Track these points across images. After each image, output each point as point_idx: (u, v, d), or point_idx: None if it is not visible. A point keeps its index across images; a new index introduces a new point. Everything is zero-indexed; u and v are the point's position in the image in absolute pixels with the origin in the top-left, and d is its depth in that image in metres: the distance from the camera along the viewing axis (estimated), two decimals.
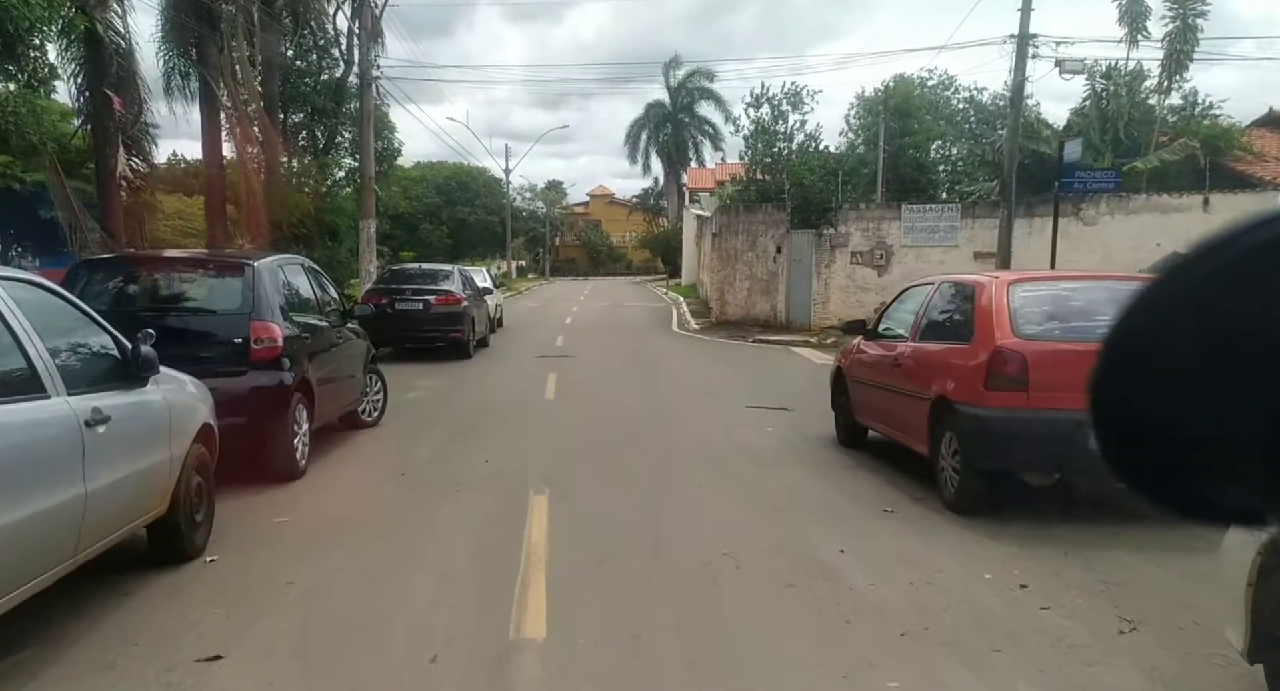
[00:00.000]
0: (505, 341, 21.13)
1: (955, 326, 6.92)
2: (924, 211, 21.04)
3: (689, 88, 65.01)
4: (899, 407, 7.45)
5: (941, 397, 6.53)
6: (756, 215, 23.51)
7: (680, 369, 15.82)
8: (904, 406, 7.31)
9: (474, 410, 11.08)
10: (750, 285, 23.69)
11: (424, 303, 16.38)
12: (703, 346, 20.23)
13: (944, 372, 6.60)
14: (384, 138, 25.18)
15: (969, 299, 6.80)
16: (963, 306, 6.96)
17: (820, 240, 21.78)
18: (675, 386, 13.47)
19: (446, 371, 15.07)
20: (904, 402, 7.30)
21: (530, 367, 15.87)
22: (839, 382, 9.06)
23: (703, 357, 17.80)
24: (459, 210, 67.40)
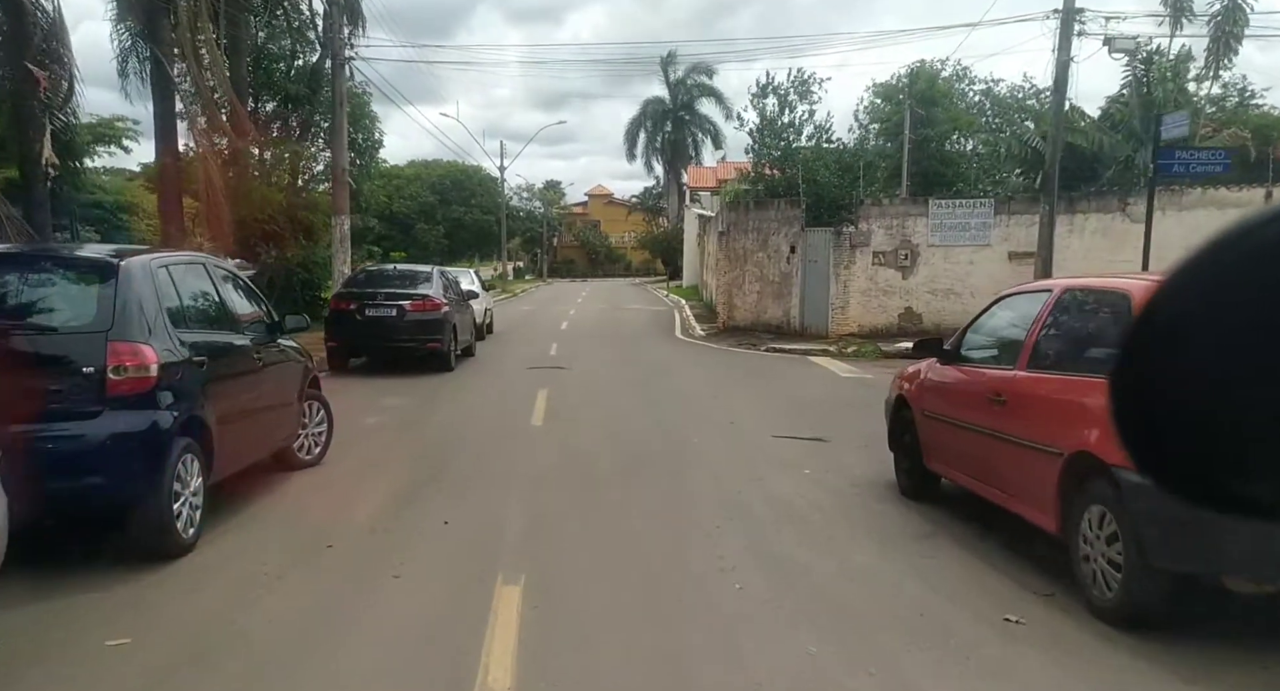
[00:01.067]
0: (494, 350, 19.12)
1: (1098, 350, 4.89)
2: (953, 207, 19.02)
3: (689, 84, 63.05)
4: (1003, 461, 5.43)
5: (1083, 454, 4.51)
6: (768, 212, 21.50)
7: (688, 384, 13.79)
8: (1012, 460, 5.29)
9: (444, 443, 9.03)
10: (761, 288, 21.67)
11: (397, 308, 14.35)
12: (711, 356, 18.21)
13: (1086, 418, 4.57)
14: (364, 128, 23.17)
15: (1118, 312, 4.79)
16: (1107, 322, 4.94)
17: (839, 239, 19.77)
18: (684, 407, 11.45)
19: (421, 387, 13.05)
20: (1012, 455, 5.27)
21: (518, 383, 13.85)
22: (901, 416, 7.05)
23: (712, 370, 15.78)
24: (454, 210, 65.43)
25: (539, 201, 76.30)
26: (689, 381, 14.12)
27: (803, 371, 15.48)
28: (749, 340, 20.44)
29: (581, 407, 11.39)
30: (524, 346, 20.23)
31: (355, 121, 23.01)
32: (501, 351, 18.95)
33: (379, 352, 15.15)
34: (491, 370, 15.76)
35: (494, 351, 18.80)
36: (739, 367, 16.07)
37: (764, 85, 27.09)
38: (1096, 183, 21.62)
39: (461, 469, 7.84)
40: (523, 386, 13.30)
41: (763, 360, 17.33)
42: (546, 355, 18.01)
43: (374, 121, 23.20)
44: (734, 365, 16.48)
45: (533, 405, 11.31)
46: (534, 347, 19.66)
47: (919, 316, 19.35)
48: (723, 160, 60.96)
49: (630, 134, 64.88)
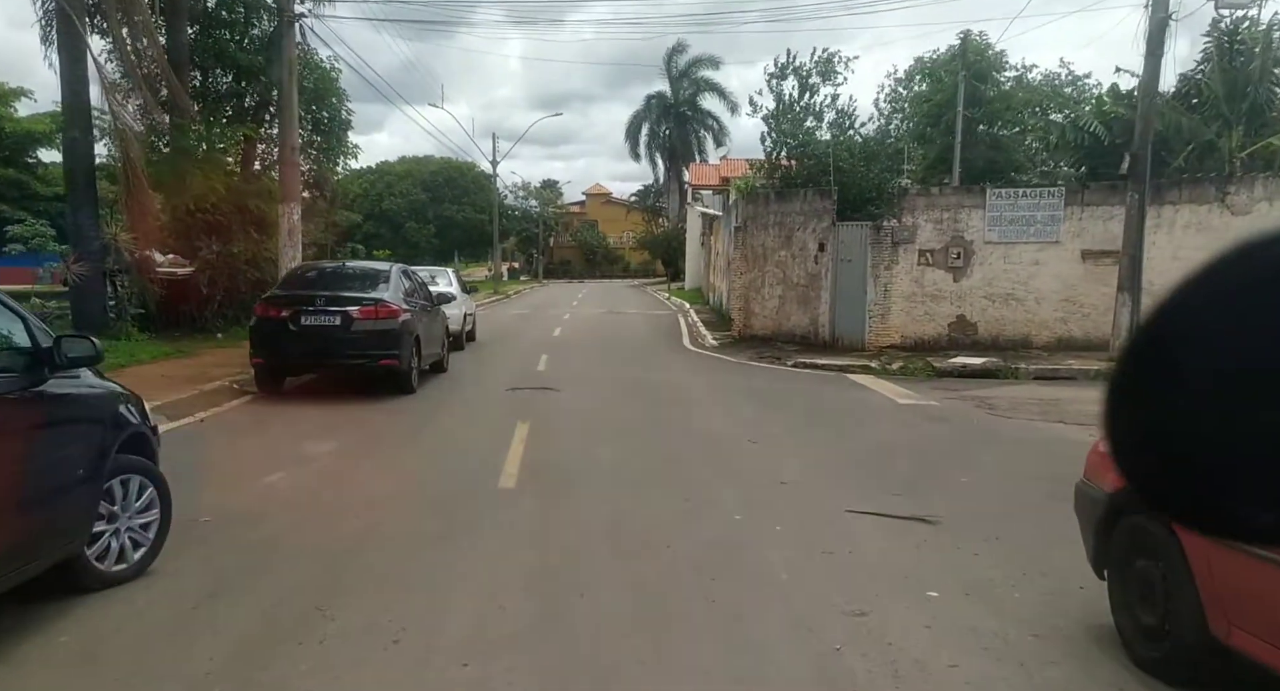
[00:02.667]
0: (473, 363, 16.03)
1: None
2: (1015, 197, 15.95)
3: (693, 78, 60.03)
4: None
5: None
6: (793, 204, 18.43)
7: (710, 415, 10.70)
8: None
9: (355, 537, 5.80)
10: (784, 291, 18.60)
11: (342, 316, 11.24)
12: (729, 373, 15.12)
13: None
14: (330, 106, 20.07)
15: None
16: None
17: (879, 235, 16.68)
18: (711, 454, 8.36)
19: (366, 421, 9.96)
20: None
21: (494, 412, 10.77)
22: (1131, 530, 3.94)
23: (736, 393, 12.69)
24: (447, 208, 62.39)
25: (535, 200, 73.26)
26: (710, 411, 11.03)
27: (849, 396, 12.38)
28: (771, 352, 17.35)
29: (571, 457, 8.27)
30: (509, 359, 17.14)
31: (319, 98, 19.92)
32: (481, 365, 15.86)
33: (316, 370, 12.10)
34: (463, 392, 12.66)
35: (472, 365, 15.70)
36: (768, 390, 12.98)
37: (783, 65, 24.10)
38: (1167, 169, 18.58)
39: (368, 594, 4.66)
40: (498, 418, 10.22)
41: (794, 379, 14.24)
42: (533, 371, 14.92)
43: (342, 99, 20.15)
44: (760, 386, 13.38)
45: (506, 450, 8.21)
46: (520, 360, 16.57)
47: (973, 326, 16.29)
48: (726, 158, 58.04)
49: (632, 130, 61.89)
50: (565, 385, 13.01)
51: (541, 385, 12.95)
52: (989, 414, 10.53)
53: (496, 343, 20.40)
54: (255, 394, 11.52)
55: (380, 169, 63.74)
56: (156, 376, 11.91)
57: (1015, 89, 20.81)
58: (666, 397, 12.11)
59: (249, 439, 8.71)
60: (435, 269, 19.44)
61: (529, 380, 13.57)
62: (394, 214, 60.06)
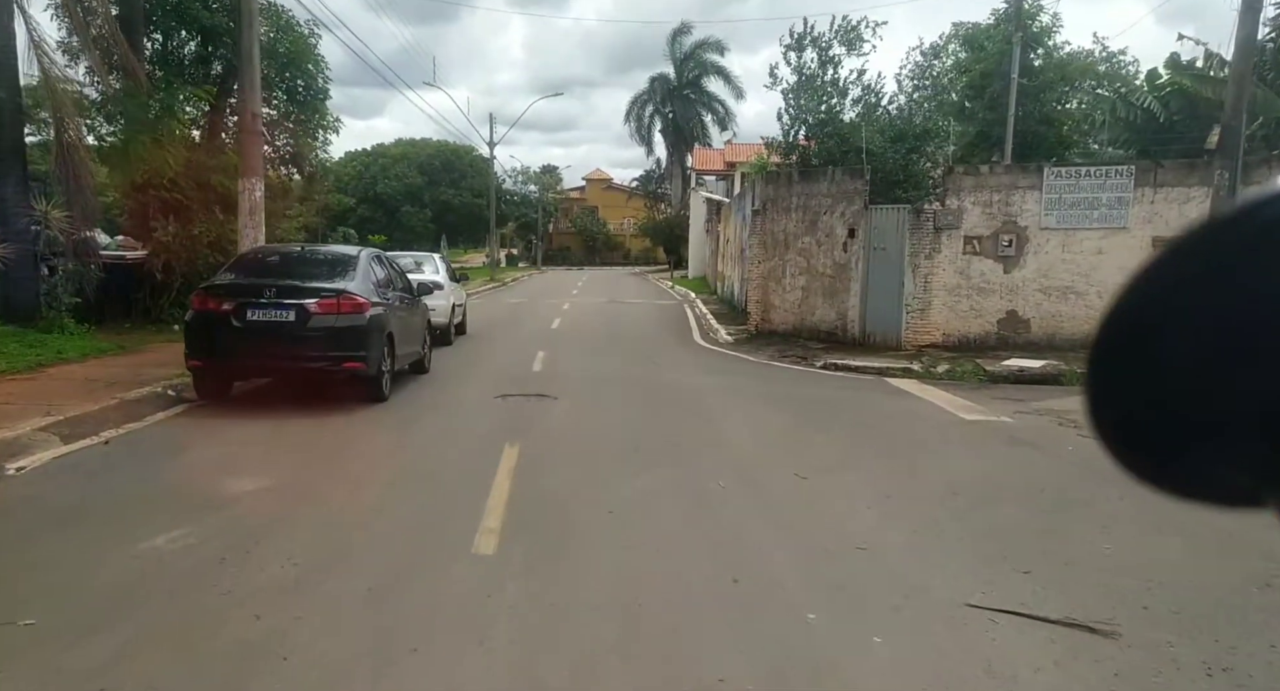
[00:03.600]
0: (460, 361, 14.07)
1: None
2: (1077, 178, 13.94)
3: (697, 60, 57.85)
4: None
5: None
6: (819, 185, 16.44)
7: (739, 434, 8.72)
8: None
9: (242, 652, 3.90)
10: (807, 282, 16.64)
11: (296, 310, 9.25)
12: (752, 376, 13.17)
13: None
14: (306, 73, 18.00)
15: None
16: None
17: (919, 220, 14.68)
18: (753, 497, 6.40)
19: (314, 444, 7.98)
20: None
21: (476, 430, 8.80)
22: None
23: (764, 402, 10.72)
24: (443, 192, 60.26)
25: (534, 185, 71.16)
26: (738, 427, 9.06)
27: (899, 408, 10.42)
28: (794, 350, 15.41)
29: (571, 499, 6.29)
30: (501, 356, 15.18)
31: (294, 63, 17.86)
32: (469, 364, 13.89)
33: (264, 374, 10.18)
34: (445, 400, 10.70)
35: (459, 364, 13.74)
36: (800, 398, 11.03)
37: (800, 35, 22.08)
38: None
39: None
40: (482, 438, 8.27)
41: (826, 384, 12.28)
42: (528, 371, 12.97)
43: (320, 66, 18.09)
44: (790, 393, 11.43)
45: (488, 489, 6.27)
46: (513, 358, 14.62)
47: (1025, 323, 14.33)
48: (731, 142, 56.03)
49: (635, 112, 59.78)
50: (563, 390, 11.07)
51: (536, 391, 11.00)
52: (1080, 436, 8.58)
53: (489, 336, 18.44)
54: (193, 403, 9.57)
55: (376, 151, 61.63)
56: (78, 379, 9.95)
57: (1070, 57, 18.66)
58: (683, 407, 10.16)
59: (155, 471, 6.76)
60: (420, 254, 17.46)
61: (522, 384, 11.62)
62: (389, 198, 57.97)
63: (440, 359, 13.87)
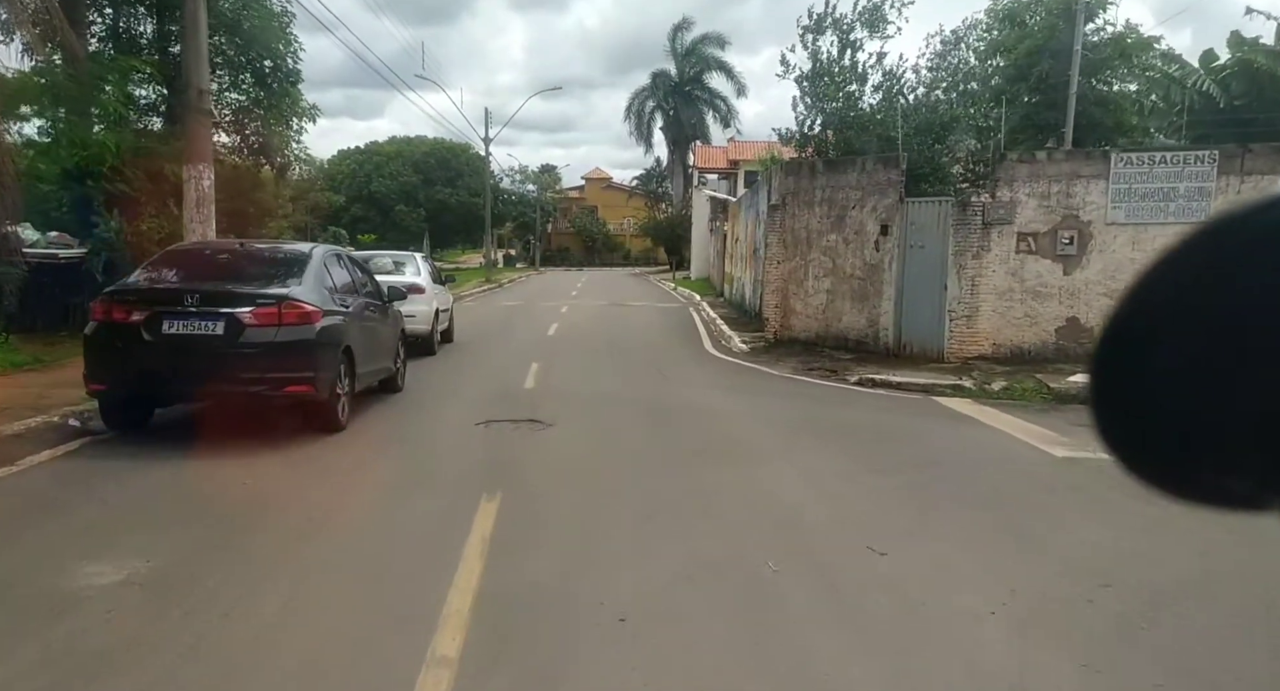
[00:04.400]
0: (441, 376, 12.18)
1: None
2: (1150, 165, 12.05)
3: (699, 55, 55.99)
4: None
5: None
6: (847, 176, 14.57)
7: (781, 480, 6.79)
8: None
9: None
10: (833, 285, 14.76)
11: (226, 321, 7.36)
12: (778, 394, 11.27)
13: None
14: (274, 53, 16.09)
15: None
16: None
17: (965, 214, 12.79)
18: (821, 590, 4.50)
19: (229, 500, 6.03)
20: None
21: (446, 477, 6.88)
22: None
23: (801, 431, 8.82)
24: (439, 191, 58.26)
25: (533, 184, 69.29)
26: (779, 469, 7.13)
27: (968, 440, 8.50)
28: (820, 362, 13.54)
29: (566, 592, 4.39)
30: (489, 369, 13.30)
31: (260, 41, 15.96)
32: (451, 379, 12.00)
33: (183, 399, 8.30)
34: (414, 429, 8.79)
35: (440, 379, 11.86)
36: (844, 427, 9.11)
37: (821, 16, 20.25)
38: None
39: None
40: (453, 486, 6.39)
41: (868, 406, 10.38)
42: (519, 388, 11.09)
43: (291, 45, 16.21)
44: (831, 420, 9.53)
45: (450, 578, 4.40)
46: (503, 371, 12.74)
47: (1088, 331, 12.44)
48: (734, 139, 54.21)
49: (635, 108, 57.88)
50: (559, 413, 9.19)
51: (527, 415, 9.11)
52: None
53: (478, 344, 16.56)
54: (99, 436, 7.68)
55: (369, 149, 59.67)
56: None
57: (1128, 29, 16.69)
58: (704, 439, 8.27)
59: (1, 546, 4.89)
60: (400, 254, 15.55)
61: (511, 405, 9.74)
62: (383, 197, 56.03)
63: (419, 372, 12.00)
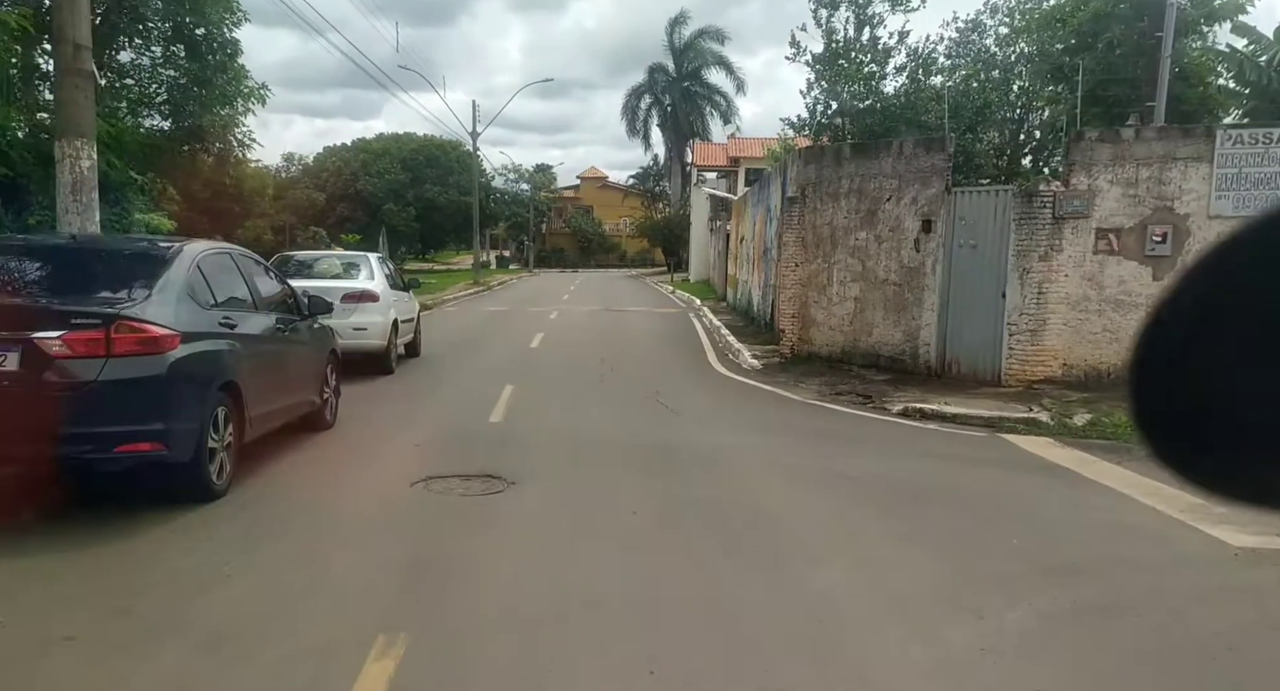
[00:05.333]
0: (389, 404, 9.76)
1: None
2: (1266, 144, 9.65)
3: (698, 49, 53.62)
4: None
5: None
6: (879, 162, 12.19)
7: (848, 604, 4.39)
8: None
9: None
10: (863, 291, 12.40)
11: (19, 351, 4.95)
12: (811, 436, 8.86)
13: None
14: (211, 20, 13.65)
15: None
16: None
17: (1030, 206, 10.39)
18: None
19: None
20: None
21: (334, 594, 4.41)
22: None
23: (858, 503, 6.37)
24: (429, 189, 55.82)
25: (526, 183, 66.87)
26: (841, 584, 4.67)
27: (1089, 514, 6.07)
28: (849, 384, 11.19)
29: None
30: (453, 391, 10.90)
31: (198, 9, 13.51)
32: (400, 410, 9.55)
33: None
34: (320, 496, 6.29)
35: (385, 409, 9.43)
36: (909, 490, 6.66)
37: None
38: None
39: None
40: (339, 617, 3.99)
41: (925, 449, 7.97)
42: (481, 423, 8.68)
43: (232, 12, 13.75)
44: (887, 477, 7.10)
45: None
46: (469, 396, 10.35)
47: None
48: (734, 136, 51.85)
49: (630, 104, 55.49)
50: (526, 465, 6.80)
51: (483, 468, 6.71)
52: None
53: (449, 359, 14.16)
54: None
55: (356, 146, 57.23)
56: None
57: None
58: (723, 514, 5.86)
59: None
60: (351, 255, 13.09)
61: (466, 450, 7.36)
62: (370, 195, 53.59)
63: (367, 398, 9.62)
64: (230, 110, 15.14)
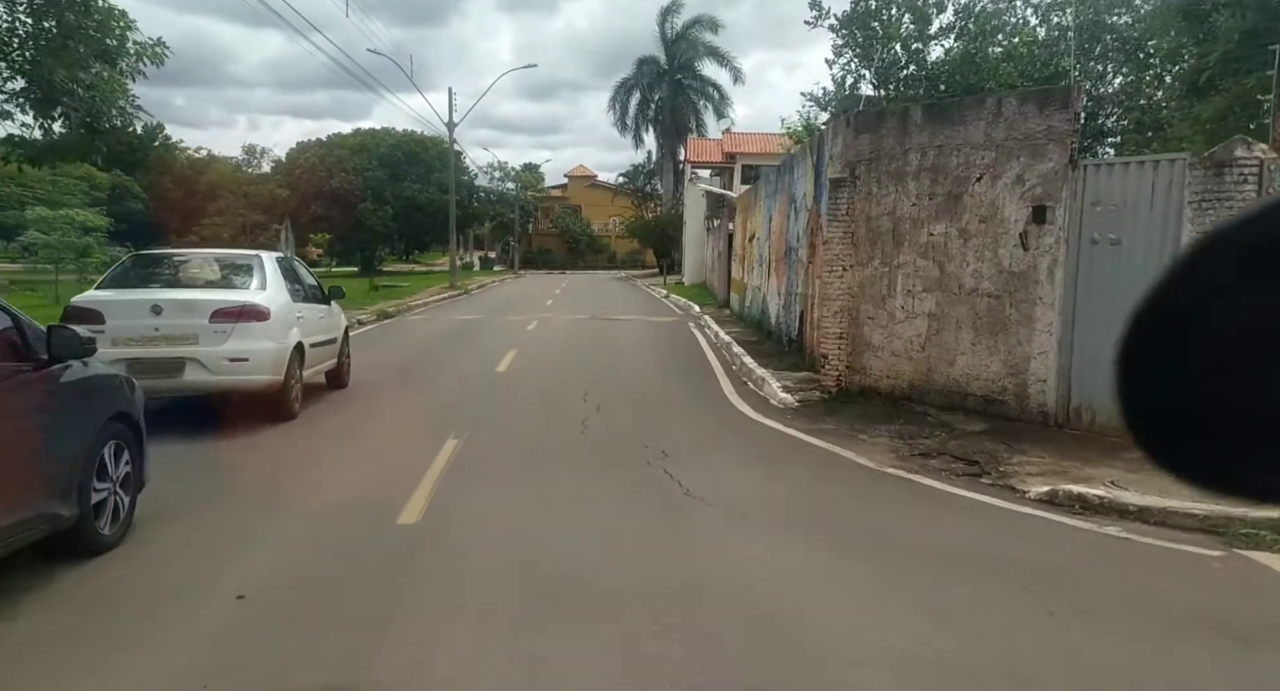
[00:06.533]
0: (261, 472, 6.19)
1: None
2: None
3: (690, 40, 50.10)
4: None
5: None
6: (967, 127, 8.68)
7: None
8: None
9: None
10: (941, 304, 8.92)
11: None
12: (913, 547, 5.34)
13: None
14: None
15: None
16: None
17: (1221, 181, 6.95)
18: None
19: None
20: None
21: None
22: None
23: None
24: (408, 187, 52.14)
25: (512, 182, 63.27)
26: None
27: None
28: (934, 436, 7.71)
29: None
30: (357, 461, 7.26)
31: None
32: (257, 503, 5.92)
33: None
34: None
35: (228, 506, 5.84)
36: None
37: None
38: None
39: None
40: None
41: (1136, 589, 4.51)
42: (382, 532, 5.09)
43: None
44: (1112, 677, 3.66)
45: None
46: (377, 475, 6.75)
47: None
48: (729, 130, 48.43)
49: (619, 98, 51.89)
50: (426, 659, 3.28)
51: (341, 676, 3.19)
52: None
53: (383, 393, 10.62)
54: None
55: (331, 142, 53.53)
56: None
57: None
58: None
59: None
60: (235, 255, 9.36)
61: (329, 616, 3.84)
62: (345, 193, 49.90)
63: (219, 467, 6.09)
64: (109, 70, 11.53)
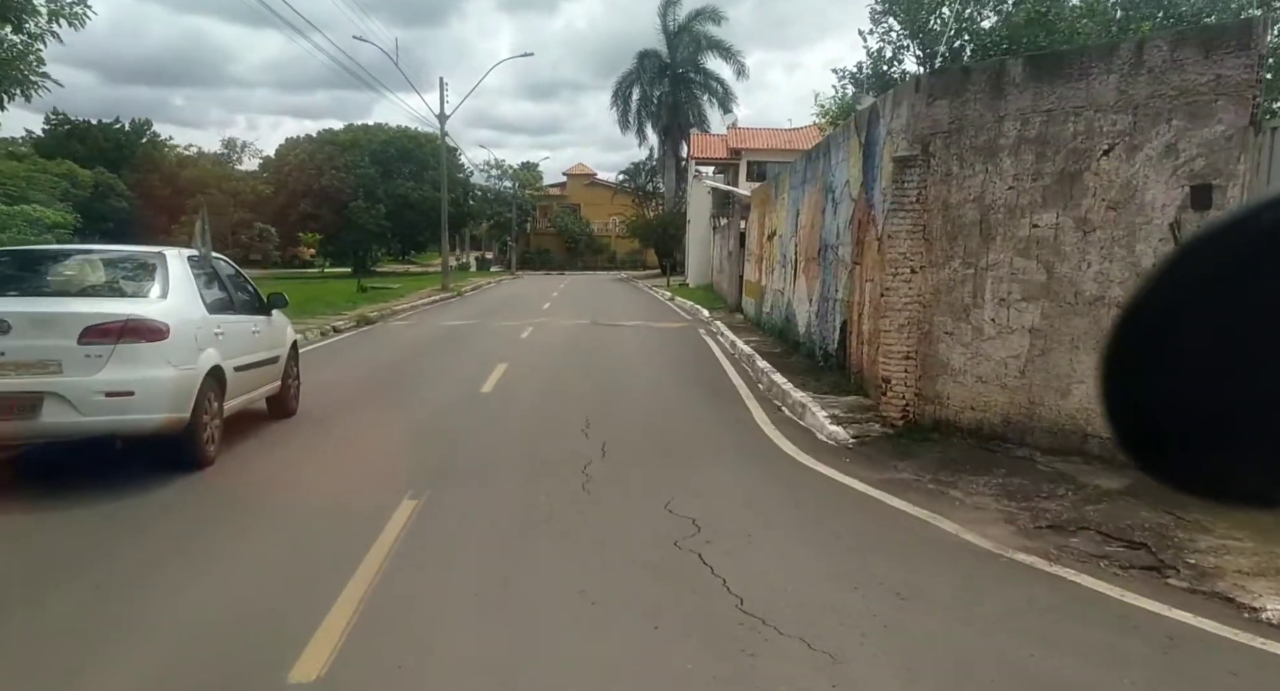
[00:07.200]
0: (64, 624, 4.12)
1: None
2: None
3: (693, 33, 47.96)
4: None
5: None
6: (1088, 83, 6.57)
7: None
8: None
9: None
10: (1046, 317, 6.81)
11: None
12: None
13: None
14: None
15: None
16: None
17: None
18: None
19: None
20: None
21: None
22: None
23: None
24: (400, 184, 50.00)
25: (509, 181, 61.16)
26: None
27: None
28: (1058, 495, 5.57)
29: None
30: (276, 537, 5.08)
31: None
32: (112, 606, 3.87)
33: None
34: None
35: (63, 625, 3.74)
36: None
37: None
38: None
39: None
40: None
41: None
42: (277, 656, 2.99)
43: None
44: None
45: None
46: (297, 564, 4.61)
47: None
48: (734, 126, 46.30)
49: (620, 93, 49.73)
50: None
51: None
52: None
53: (339, 423, 8.48)
54: None
55: (322, 138, 51.36)
56: None
57: None
58: None
59: None
60: (126, 252, 7.13)
61: None
62: (335, 191, 47.76)
63: (65, 554, 3.94)
64: (13, 33, 9.44)
